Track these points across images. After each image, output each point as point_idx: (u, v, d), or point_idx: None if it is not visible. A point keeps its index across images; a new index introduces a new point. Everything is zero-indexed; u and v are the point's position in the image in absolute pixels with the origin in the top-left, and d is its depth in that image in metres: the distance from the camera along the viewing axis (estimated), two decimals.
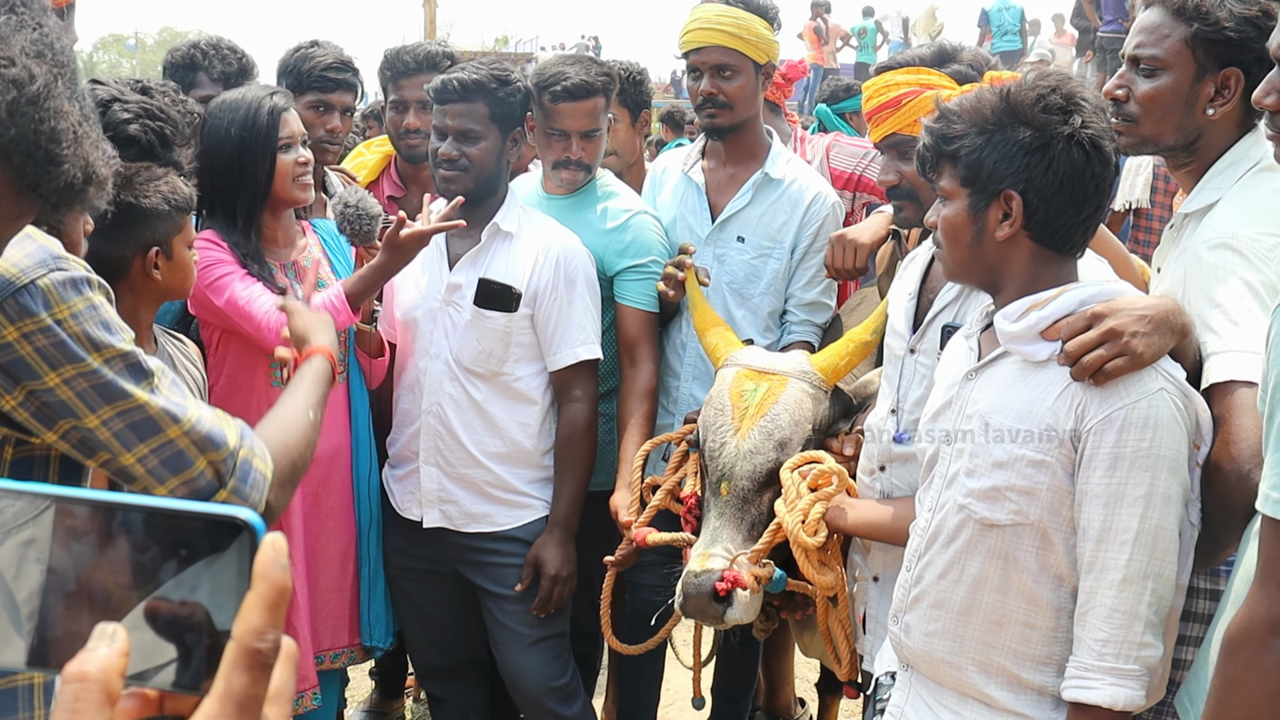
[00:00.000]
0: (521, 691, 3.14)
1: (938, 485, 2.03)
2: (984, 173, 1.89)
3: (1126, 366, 1.78)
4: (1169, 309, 1.84)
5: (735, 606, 2.45)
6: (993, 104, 1.89)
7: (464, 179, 2.96)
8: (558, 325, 3.01)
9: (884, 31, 17.62)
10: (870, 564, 2.58)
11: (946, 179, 1.95)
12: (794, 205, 3.21)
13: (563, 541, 3.02)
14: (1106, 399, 1.79)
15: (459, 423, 3.04)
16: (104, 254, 2.49)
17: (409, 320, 3.13)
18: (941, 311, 2.41)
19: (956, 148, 1.91)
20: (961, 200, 1.93)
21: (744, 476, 2.56)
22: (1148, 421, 1.77)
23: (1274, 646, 1.47)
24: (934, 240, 2.05)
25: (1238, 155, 2.03)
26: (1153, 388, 1.79)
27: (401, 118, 3.58)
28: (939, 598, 1.98)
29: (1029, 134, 1.86)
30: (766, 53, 3.18)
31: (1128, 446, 1.77)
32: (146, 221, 2.49)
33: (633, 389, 3.13)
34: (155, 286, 2.53)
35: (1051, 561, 1.86)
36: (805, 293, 3.21)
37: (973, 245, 1.94)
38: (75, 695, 0.62)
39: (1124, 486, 1.77)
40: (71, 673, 0.62)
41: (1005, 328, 1.92)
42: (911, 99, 2.47)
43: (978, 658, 1.94)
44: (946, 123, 1.93)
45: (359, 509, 3.13)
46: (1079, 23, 14.61)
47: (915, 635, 2.03)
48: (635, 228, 3.19)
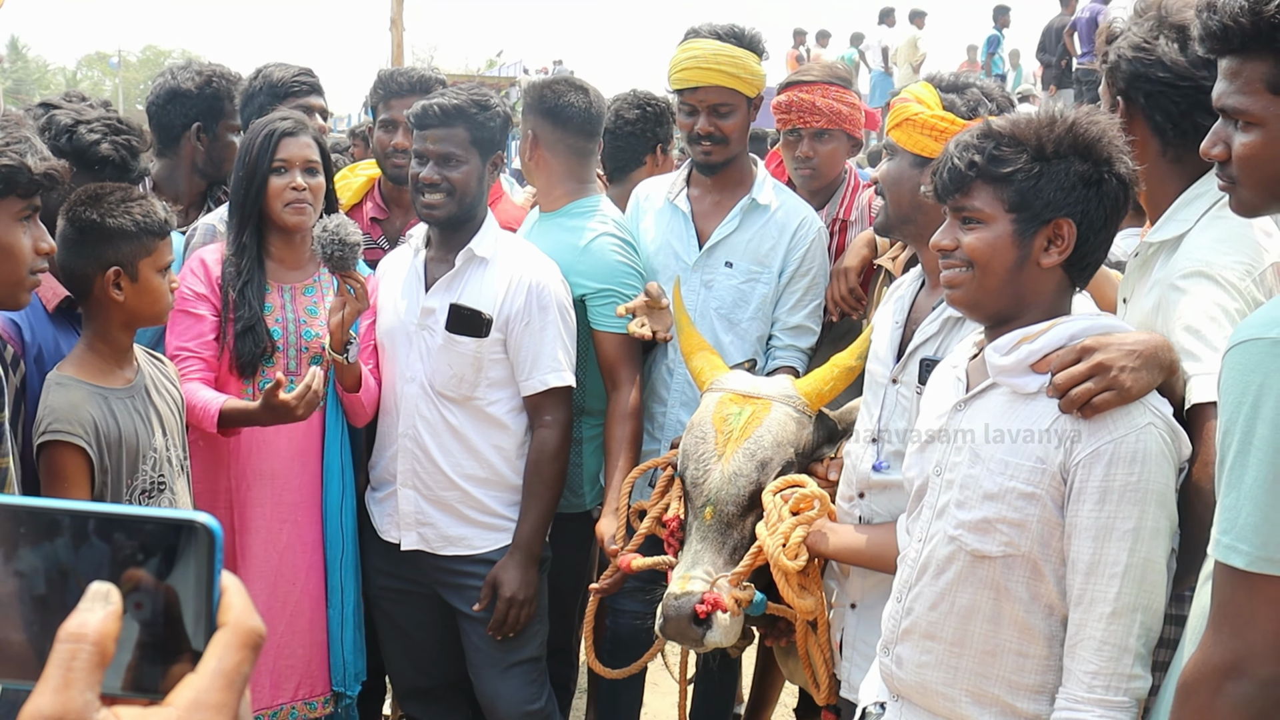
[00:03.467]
0: (497, 715, 3.13)
1: (927, 516, 2.02)
2: (1038, 200, 1.88)
3: (1114, 401, 1.78)
4: (1158, 345, 1.85)
5: (715, 629, 2.44)
6: (1056, 134, 1.88)
7: (447, 204, 2.97)
8: (529, 352, 3.01)
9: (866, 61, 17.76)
10: (848, 590, 2.57)
11: (983, 200, 1.92)
12: (781, 230, 3.23)
13: (523, 565, 3.00)
14: (1095, 433, 1.80)
15: (435, 446, 3.03)
16: (68, 268, 2.49)
17: (387, 342, 3.13)
18: (923, 345, 2.41)
19: (1009, 171, 1.89)
20: (1003, 225, 1.90)
21: (728, 501, 2.55)
22: (1136, 456, 1.77)
23: (1227, 691, 1.47)
24: (929, 265, 2.02)
25: (1204, 188, 2.06)
26: (1141, 422, 1.79)
27: (390, 137, 3.60)
28: (930, 629, 1.97)
29: (1086, 167, 1.88)
30: (758, 87, 3.22)
31: (1116, 480, 1.77)
32: (110, 240, 2.47)
33: (615, 412, 3.13)
34: (121, 308, 2.51)
35: (1042, 592, 1.86)
36: (790, 317, 3.22)
37: (1013, 270, 1.92)
38: (71, 654, 0.62)
39: (1113, 520, 1.77)
40: (69, 632, 0.63)
41: (996, 361, 1.92)
42: (899, 104, 2.47)
43: (971, 688, 1.93)
44: (995, 144, 1.91)
45: (328, 543, 3.09)
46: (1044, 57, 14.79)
47: (907, 667, 2.02)
48: (595, 250, 3.19)
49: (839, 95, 3.42)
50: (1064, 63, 14.32)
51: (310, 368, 2.88)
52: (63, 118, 2.70)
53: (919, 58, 16.96)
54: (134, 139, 2.80)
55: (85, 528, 0.67)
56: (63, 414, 2.40)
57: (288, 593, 3.03)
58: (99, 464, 2.45)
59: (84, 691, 0.62)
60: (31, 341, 2.48)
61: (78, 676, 0.62)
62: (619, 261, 3.20)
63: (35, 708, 0.61)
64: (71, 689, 0.61)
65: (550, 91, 3.28)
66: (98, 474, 2.45)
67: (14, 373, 2.37)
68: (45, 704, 0.61)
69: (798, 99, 3.42)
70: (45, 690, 0.61)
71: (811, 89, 3.43)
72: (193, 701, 0.65)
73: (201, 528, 0.67)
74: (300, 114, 3.13)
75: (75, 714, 0.61)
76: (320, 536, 3.08)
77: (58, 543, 0.67)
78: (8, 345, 2.37)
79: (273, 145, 2.94)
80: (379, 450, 3.17)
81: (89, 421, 2.42)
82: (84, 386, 2.46)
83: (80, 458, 2.42)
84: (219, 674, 0.66)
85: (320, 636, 3.09)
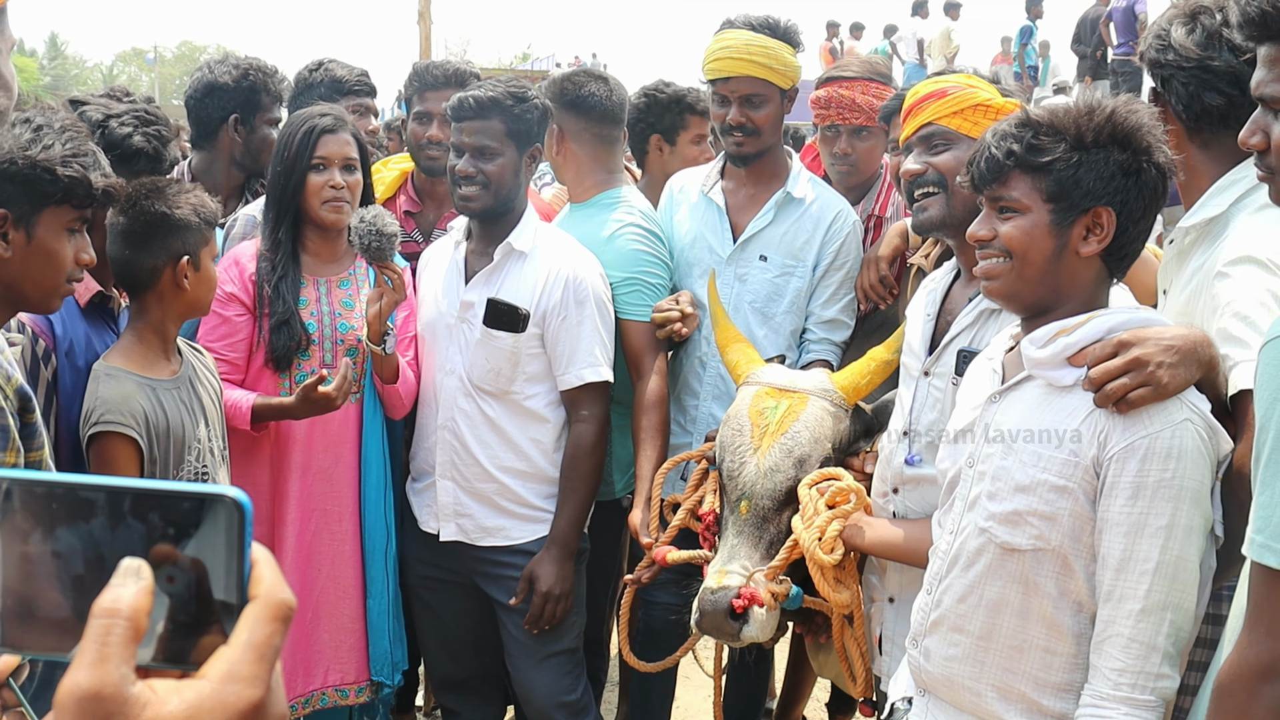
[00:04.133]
0: (533, 705, 3.14)
1: (959, 508, 2.02)
2: (1078, 189, 1.87)
3: (1150, 396, 1.76)
4: (1197, 340, 1.83)
5: (751, 624, 2.44)
6: (1095, 123, 1.87)
7: (482, 196, 2.98)
8: (566, 346, 3.01)
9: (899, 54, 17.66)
10: (886, 585, 2.57)
11: (1021, 190, 1.91)
12: (816, 224, 3.21)
13: (559, 559, 3.01)
14: (1130, 427, 1.78)
15: (473, 438, 3.05)
16: (136, 264, 2.53)
17: (427, 335, 3.15)
18: (959, 335, 2.40)
19: (1048, 160, 1.88)
20: (1041, 214, 1.89)
21: (764, 495, 2.55)
22: (1171, 452, 1.76)
23: (1263, 694, 1.45)
24: (964, 258, 2.00)
25: (1239, 175, 2.06)
26: (1177, 418, 1.77)
27: (425, 130, 3.62)
28: (958, 622, 1.97)
29: (1125, 156, 1.87)
30: (792, 79, 3.20)
31: (1150, 476, 1.75)
32: (178, 231, 2.54)
33: (641, 402, 3.13)
34: (182, 298, 2.57)
35: (1071, 588, 1.85)
36: (825, 310, 3.21)
37: (1051, 260, 1.91)
38: (106, 629, 0.63)
39: (1145, 516, 1.76)
40: (104, 607, 0.64)
41: (1032, 353, 1.91)
42: (957, 91, 2.44)
43: (997, 684, 1.93)
44: (1034, 133, 1.89)
45: (367, 534, 3.12)
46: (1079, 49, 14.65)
47: (935, 659, 2.02)
48: (619, 240, 3.20)
49: (878, 92, 3.40)
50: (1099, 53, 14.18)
51: (343, 359, 2.91)
52: (93, 113, 2.73)
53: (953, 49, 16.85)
54: (163, 129, 2.84)
55: (120, 503, 0.68)
56: (115, 405, 2.43)
57: (326, 584, 3.06)
58: (148, 454, 2.49)
59: (119, 666, 0.63)
60: (63, 336, 2.51)
61: (113, 651, 0.63)
62: (641, 251, 3.20)
63: (73, 682, 0.62)
64: (107, 663, 0.62)
65: (570, 84, 3.29)
66: (146, 464, 2.49)
67: (45, 367, 2.41)
68: (82, 679, 0.62)
69: (837, 95, 3.40)
70: (81, 665, 0.62)
71: (851, 85, 3.41)
72: (226, 674, 0.66)
73: (231, 501, 0.68)
74: (341, 110, 3.14)
75: (112, 687, 0.62)
76: (358, 527, 3.10)
77: (93, 520, 0.68)
78: (39, 339, 2.40)
79: (312, 142, 2.96)
80: (418, 441, 3.19)
81: (139, 412, 2.46)
82: (133, 378, 2.50)
83: (131, 448, 2.46)
84: (250, 646, 0.67)
85: (359, 625, 3.11)
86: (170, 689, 0.65)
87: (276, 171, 3.01)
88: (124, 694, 0.62)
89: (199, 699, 0.65)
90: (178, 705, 0.64)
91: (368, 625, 3.12)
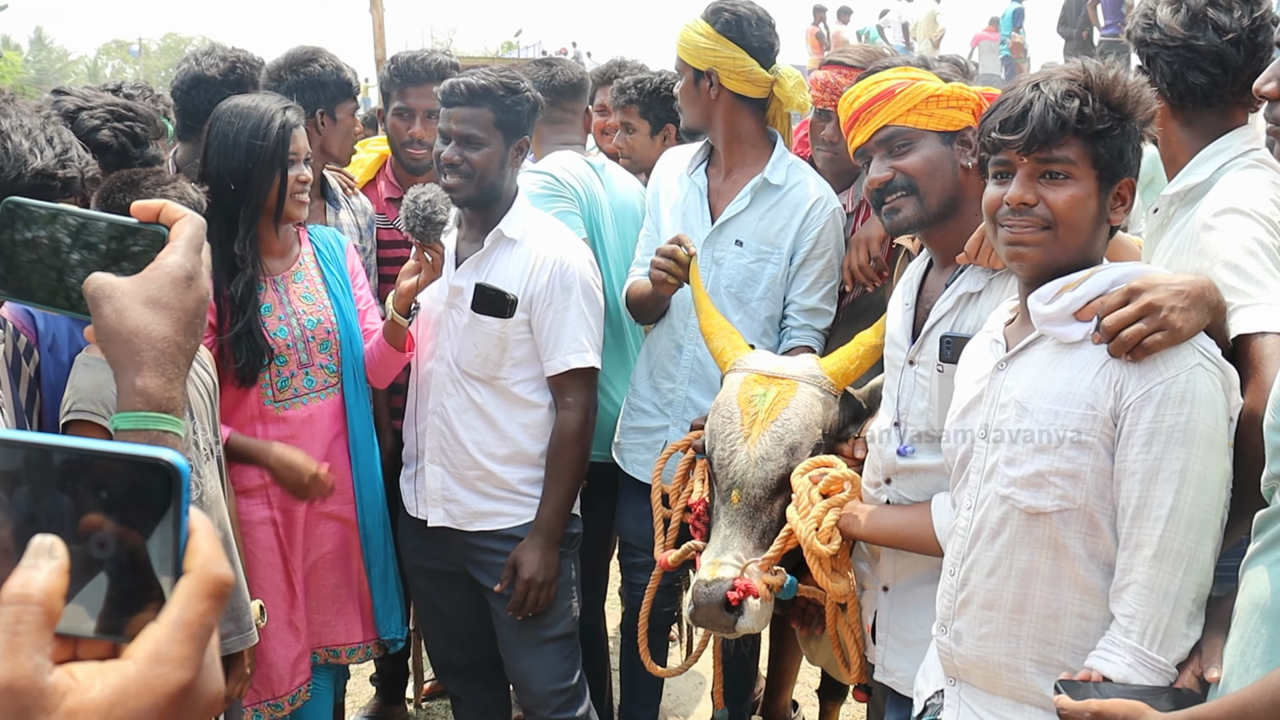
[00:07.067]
0: (527, 692, 3.15)
1: (975, 481, 1.99)
2: (1120, 160, 1.90)
3: (1165, 341, 1.76)
4: (1204, 285, 1.84)
5: (747, 615, 2.43)
6: (1132, 94, 1.89)
7: (466, 185, 2.97)
8: (551, 332, 3.01)
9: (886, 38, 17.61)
10: (879, 573, 2.55)
11: (1076, 154, 1.88)
12: (793, 210, 3.16)
13: (543, 547, 3.01)
14: (1145, 375, 1.77)
15: (460, 424, 3.06)
16: None
17: (422, 321, 3.15)
18: (939, 321, 2.38)
19: (1106, 128, 1.88)
20: (1089, 182, 1.89)
21: (756, 484, 2.54)
22: (1185, 396, 1.75)
23: None
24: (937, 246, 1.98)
25: (1223, 145, 2.13)
26: (1190, 363, 1.77)
27: (406, 126, 3.59)
28: (989, 597, 1.94)
29: (1140, 128, 1.92)
30: (709, 60, 3.17)
31: (1164, 421, 1.75)
32: None
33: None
34: None
35: (1100, 548, 1.83)
36: (805, 299, 3.16)
37: (1093, 228, 1.92)
38: (16, 617, 0.59)
39: (1160, 461, 1.75)
40: (12, 593, 0.59)
41: (1040, 309, 1.90)
42: (905, 87, 2.39)
43: (1036, 656, 1.90)
44: (1097, 100, 1.88)
45: (362, 511, 3.12)
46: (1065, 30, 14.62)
47: (967, 641, 1.99)
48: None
49: None
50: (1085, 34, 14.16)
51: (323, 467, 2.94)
52: (67, 104, 2.71)
53: (938, 32, 16.83)
54: (138, 126, 2.78)
55: (48, 461, 0.63)
56: (87, 394, 2.42)
57: (325, 574, 3.07)
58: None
59: (32, 655, 0.58)
60: (45, 330, 2.49)
61: (24, 640, 0.58)
62: (536, 195, 3.27)
63: None
64: (19, 654, 0.58)
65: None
66: None
67: (27, 362, 2.39)
68: None
69: (833, 80, 3.36)
70: None
71: (850, 74, 3.39)
72: (153, 655, 0.62)
73: (168, 465, 0.64)
74: (295, 103, 3.08)
75: (25, 679, 0.57)
76: (350, 502, 3.11)
77: (17, 487, 0.63)
78: (21, 334, 2.38)
79: (287, 136, 2.91)
80: (408, 426, 3.21)
81: (112, 401, 2.43)
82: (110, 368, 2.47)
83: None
84: (181, 624, 0.62)
85: (365, 593, 3.15)
86: (93, 673, 0.61)
87: (247, 167, 2.87)
88: (39, 685, 0.58)
89: (123, 683, 0.61)
90: (100, 691, 0.60)
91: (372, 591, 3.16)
